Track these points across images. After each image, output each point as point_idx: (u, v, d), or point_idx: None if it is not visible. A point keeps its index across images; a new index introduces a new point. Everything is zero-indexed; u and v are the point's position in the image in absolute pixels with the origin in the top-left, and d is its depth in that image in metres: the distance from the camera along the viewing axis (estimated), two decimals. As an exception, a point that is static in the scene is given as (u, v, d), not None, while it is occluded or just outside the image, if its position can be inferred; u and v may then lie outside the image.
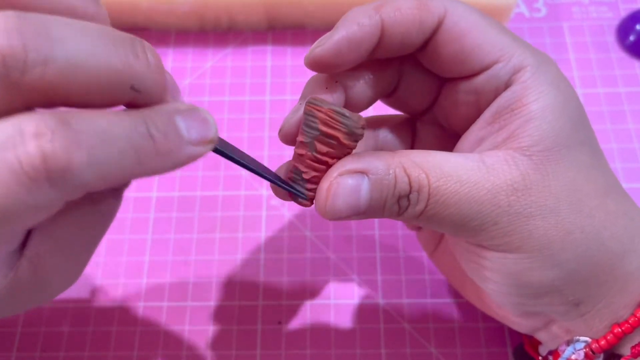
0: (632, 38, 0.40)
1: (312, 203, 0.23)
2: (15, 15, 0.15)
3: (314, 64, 0.22)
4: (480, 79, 0.23)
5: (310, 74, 0.24)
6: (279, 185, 0.23)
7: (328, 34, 0.22)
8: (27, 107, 0.16)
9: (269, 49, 0.42)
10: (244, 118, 0.39)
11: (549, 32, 0.41)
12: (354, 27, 0.22)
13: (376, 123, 0.28)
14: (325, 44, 0.22)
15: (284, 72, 0.41)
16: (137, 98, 0.18)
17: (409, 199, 0.22)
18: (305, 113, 0.22)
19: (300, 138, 0.22)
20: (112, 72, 0.16)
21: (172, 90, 0.20)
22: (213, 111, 0.39)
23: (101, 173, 0.16)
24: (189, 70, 0.41)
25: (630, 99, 0.39)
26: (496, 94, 0.23)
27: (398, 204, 0.22)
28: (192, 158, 0.18)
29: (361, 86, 0.24)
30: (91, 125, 0.16)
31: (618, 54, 0.40)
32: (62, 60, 0.15)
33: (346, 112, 0.22)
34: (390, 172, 0.22)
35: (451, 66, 0.24)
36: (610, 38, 0.41)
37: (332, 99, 0.23)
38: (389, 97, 0.27)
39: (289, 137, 0.24)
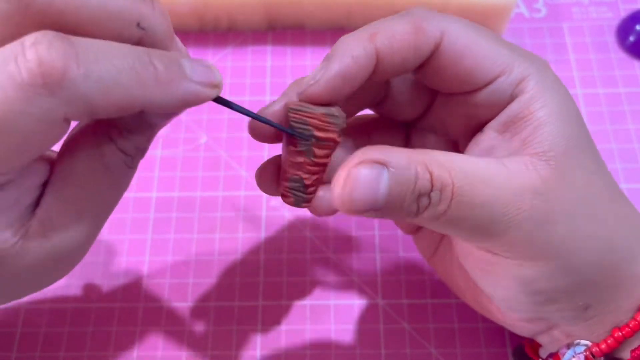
0: (632, 38, 0.40)
1: (309, 203, 0.23)
2: None
3: (308, 101, 0.22)
4: (481, 94, 0.23)
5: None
6: (281, 129, 0.23)
7: (321, 67, 0.22)
8: None
9: (269, 49, 0.42)
10: (244, 118, 0.39)
11: (549, 33, 0.41)
12: (348, 60, 0.21)
13: (367, 126, 0.27)
14: (319, 81, 0.21)
15: (284, 72, 0.41)
16: (144, 39, 0.19)
17: (429, 198, 0.21)
18: (292, 121, 0.22)
19: (294, 148, 0.22)
20: (119, 6, 0.17)
21: (181, 50, 0.21)
22: (213, 111, 0.39)
23: (100, 87, 0.17)
24: (189, 70, 0.41)
25: (630, 99, 0.39)
26: (499, 104, 0.23)
27: (417, 202, 0.21)
28: (196, 97, 0.19)
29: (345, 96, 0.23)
30: (90, 42, 0.17)
31: (618, 55, 0.40)
32: None
33: (334, 110, 0.21)
34: (412, 167, 0.20)
35: (451, 85, 0.23)
36: (610, 38, 0.41)
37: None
38: (377, 106, 0.26)
39: (257, 132, 0.24)
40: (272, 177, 0.25)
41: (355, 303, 0.34)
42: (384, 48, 0.21)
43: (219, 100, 0.21)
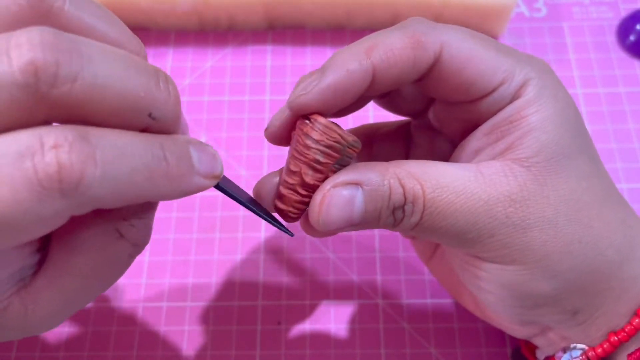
0: (632, 38, 0.40)
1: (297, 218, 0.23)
2: (52, 31, 0.16)
3: (298, 110, 0.21)
4: (483, 102, 0.23)
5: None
6: (271, 223, 0.23)
7: (314, 77, 0.21)
8: (47, 120, 0.16)
9: (268, 48, 0.42)
10: (243, 118, 0.39)
11: (549, 32, 0.41)
12: (342, 73, 0.21)
13: (370, 132, 0.27)
14: (311, 92, 0.21)
15: (284, 71, 0.41)
16: (152, 126, 0.18)
17: (404, 210, 0.21)
18: (346, 156, 0.22)
19: (324, 167, 0.22)
20: (134, 97, 0.17)
21: (182, 125, 0.20)
22: (213, 111, 0.39)
23: (112, 189, 0.16)
24: (189, 70, 0.41)
25: (630, 99, 0.39)
26: (499, 110, 0.23)
27: (393, 215, 0.21)
28: (198, 189, 0.19)
29: None
30: (108, 141, 0.16)
31: (618, 54, 0.40)
32: (89, 79, 0.16)
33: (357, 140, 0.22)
34: (385, 183, 0.21)
35: (452, 95, 0.23)
36: (611, 38, 0.41)
37: None
38: (381, 98, 0.26)
39: (274, 137, 0.23)
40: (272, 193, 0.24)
41: (355, 303, 0.34)
42: (381, 63, 0.21)
43: (218, 187, 0.21)
